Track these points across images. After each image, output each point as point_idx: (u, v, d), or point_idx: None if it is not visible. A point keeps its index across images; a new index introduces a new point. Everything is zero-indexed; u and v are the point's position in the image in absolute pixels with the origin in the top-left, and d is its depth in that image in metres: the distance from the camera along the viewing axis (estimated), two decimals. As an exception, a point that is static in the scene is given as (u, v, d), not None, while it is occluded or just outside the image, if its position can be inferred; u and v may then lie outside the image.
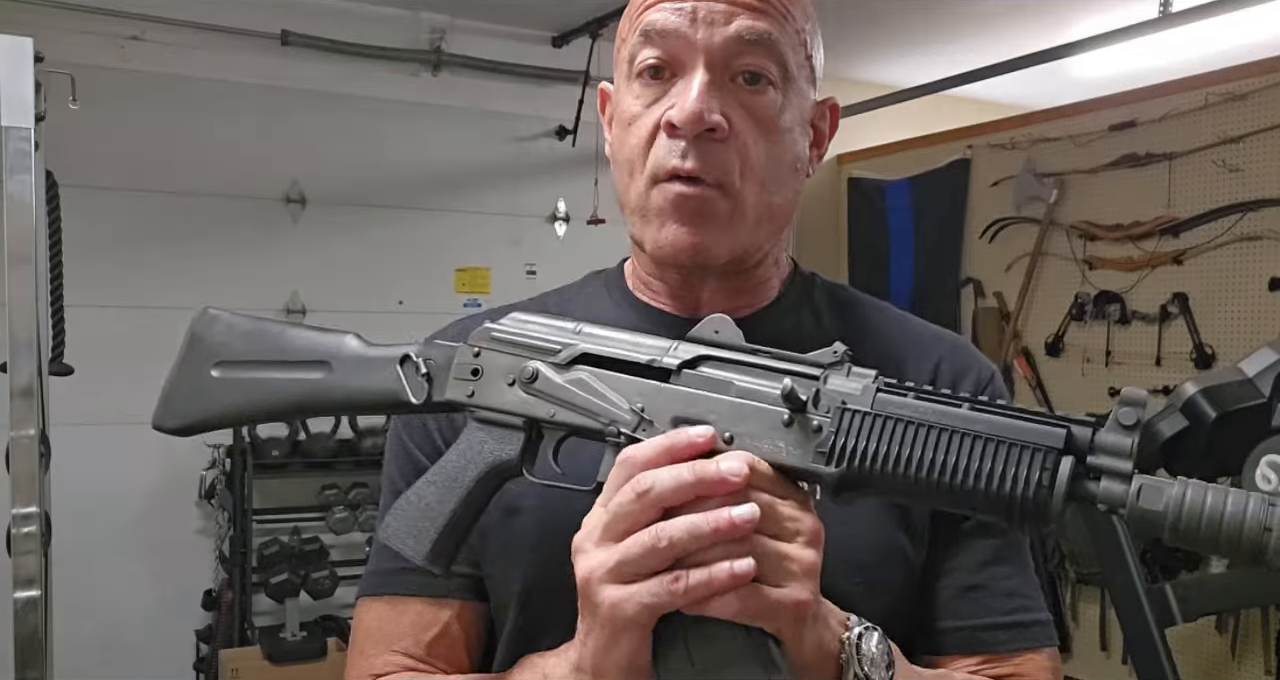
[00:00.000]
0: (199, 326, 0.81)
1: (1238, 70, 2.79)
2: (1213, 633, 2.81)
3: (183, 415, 0.79)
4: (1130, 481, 0.54)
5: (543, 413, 0.68)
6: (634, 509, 0.57)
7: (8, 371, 1.86)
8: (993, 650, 0.78)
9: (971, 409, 0.59)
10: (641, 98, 0.77)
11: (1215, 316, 2.86)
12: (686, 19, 0.74)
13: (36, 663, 1.88)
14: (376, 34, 3.38)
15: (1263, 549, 0.51)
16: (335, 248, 3.36)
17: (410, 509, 0.70)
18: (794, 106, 0.79)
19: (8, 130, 1.81)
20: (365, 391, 0.74)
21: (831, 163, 4.26)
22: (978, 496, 0.56)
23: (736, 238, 0.77)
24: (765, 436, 0.61)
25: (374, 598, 0.82)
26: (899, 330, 0.86)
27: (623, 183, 0.79)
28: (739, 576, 0.55)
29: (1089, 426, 0.57)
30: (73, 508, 2.50)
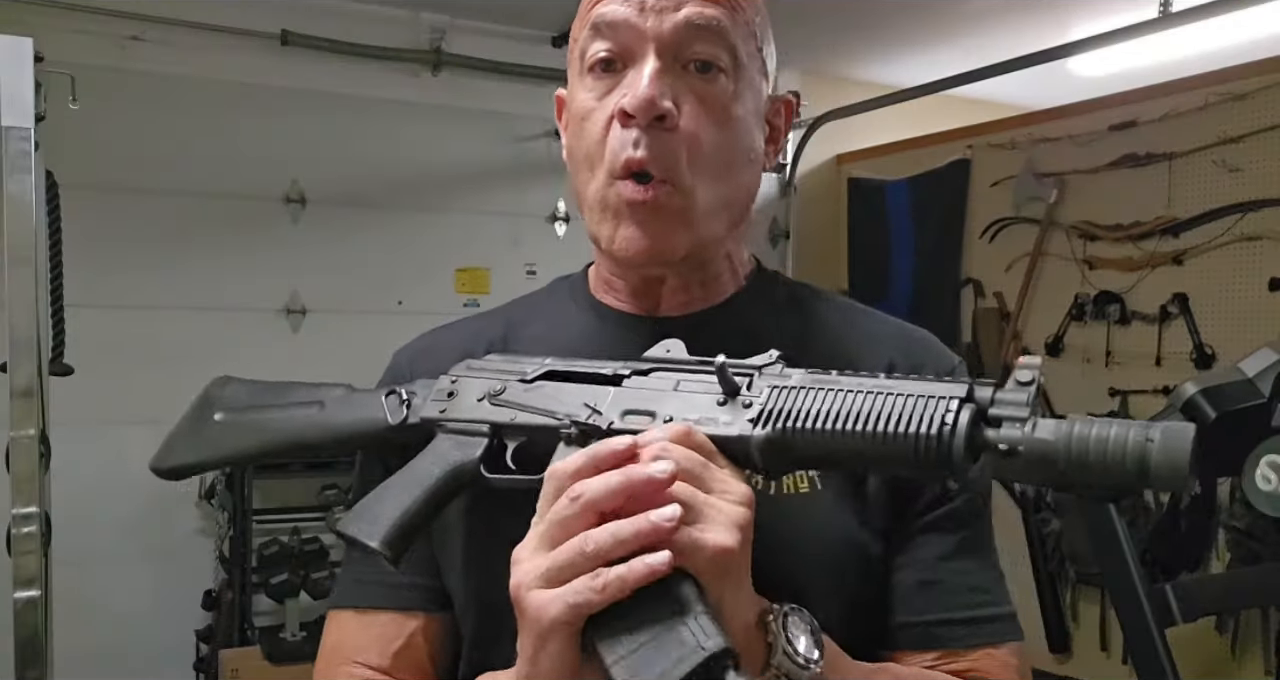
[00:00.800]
0: (212, 387, 0.88)
1: (1238, 70, 2.79)
2: (1213, 633, 2.81)
3: (181, 456, 0.86)
4: (1025, 424, 0.58)
5: (504, 418, 0.73)
6: (568, 515, 0.59)
7: (8, 371, 1.86)
8: (948, 645, 0.77)
9: (887, 377, 0.64)
10: (594, 91, 0.78)
11: (1215, 316, 2.86)
12: (635, 9, 0.75)
13: (36, 663, 1.88)
14: (376, 34, 3.38)
15: (1147, 461, 0.55)
16: (335, 248, 3.36)
17: (371, 502, 0.74)
18: (746, 98, 0.79)
19: (8, 130, 1.81)
20: (352, 421, 0.80)
21: (831, 162, 4.26)
22: (888, 443, 0.60)
23: (692, 233, 0.78)
24: (703, 415, 0.66)
25: (341, 609, 0.83)
26: (855, 327, 0.86)
27: (581, 179, 0.80)
28: (657, 566, 0.56)
29: (989, 385, 0.61)
30: (73, 508, 2.50)
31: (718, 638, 0.56)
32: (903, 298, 3.88)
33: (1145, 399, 2.99)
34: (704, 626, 0.56)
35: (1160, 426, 0.56)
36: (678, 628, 0.56)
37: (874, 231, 4.02)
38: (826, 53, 3.95)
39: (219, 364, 3.40)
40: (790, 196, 4.16)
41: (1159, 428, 0.56)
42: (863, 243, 4.11)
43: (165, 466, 0.87)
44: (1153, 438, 0.55)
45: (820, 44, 3.82)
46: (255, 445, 0.83)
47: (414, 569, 0.82)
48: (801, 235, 4.16)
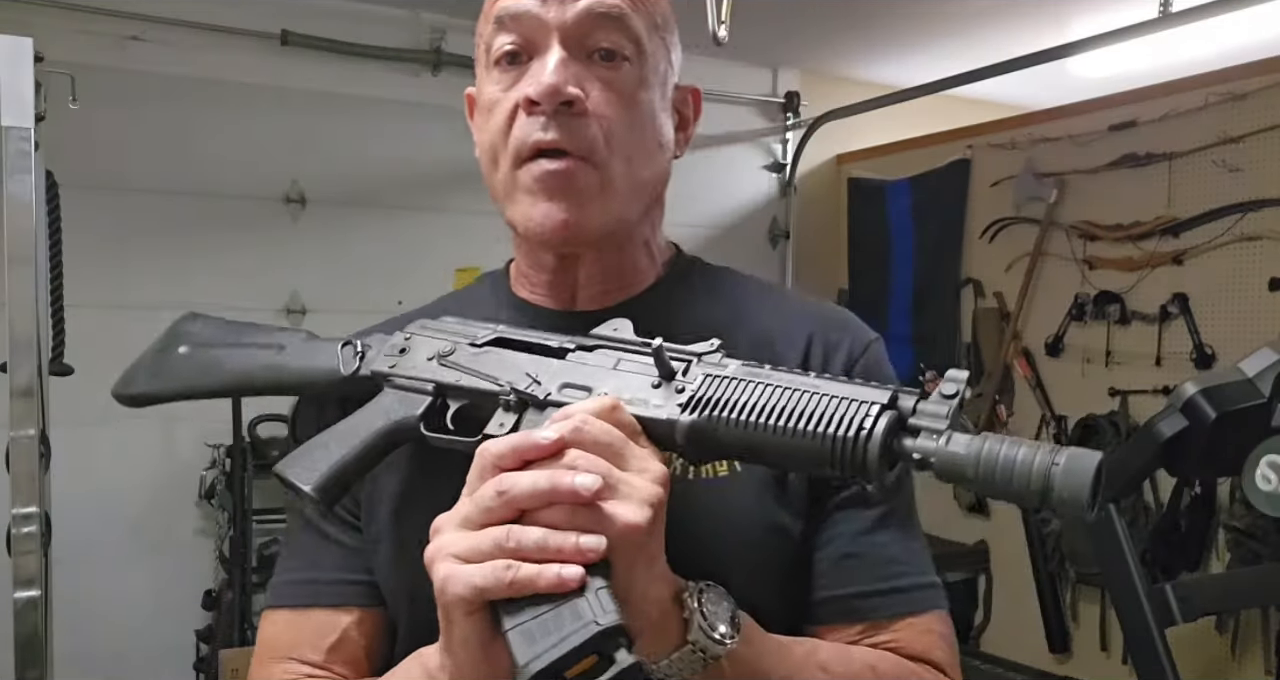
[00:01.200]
0: (180, 321, 0.91)
1: (1238, 70, 2.79)
2: (1213, 633, 2.81)
3: (142, 385, 0.87)
4: (941, 436, 0.60)
5: (449, 378, 0.75)
6: (493, 505, 0.60)
7: (8, 371, 1.86)
8: (869, 617, 0.78)
9: (817, 377, 0.65)
10: (500, 83, 0.78)
11: (1215, 316, 2.86)
12: (537, 1, 0.75)
13: (36, 663, 1.88)
14: (376, 34, 3.38)
15: (1050, 484, 0.57)
16: (335, 248, 3.36)
17: (311, 448, 0.76)
18: (652, 84, 0.80)
19: (8, 130, 1.81)
20: (308, 368, 0.82)
21: (831, 162, 4.26)
22: (809, 441, 0.62)
23: (609, 210, 0.78)
24: (636, 395, 0.67)
25: (276, 609, 0.84)
26: (774, 310, 0.87)
27: (487, 170, 0.81)
28: (568, 580, 0.57)
29: (914, 395, 0.63)
30: (73, 508, 2.50)
31: (613, 614, 0.57)
32: (903, 298, 3.88)
33: (1145, 399, 2.99)
34: (603, 602, 0.57)
35: (1067, 452, 0.58)
36: (577, 601, 0.57)
37: (874, 231, 4.02)
38: (826, 53, 3.95)
39: (219, 364, 3.29)
40: (790, 196, 4.16)
41: (1065, 453, 0.57)
42: (863, 243, 4.11)
43: (126, 393, 0.87)
44: (1058, 462, 0.57)
45: (820, 44, 3.82)
46: (213, 381, 0.85)
47: (346, 566, 0.83)
48: (801, 235, 4.16)
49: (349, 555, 0.83)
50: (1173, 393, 2.04)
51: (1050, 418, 3.30)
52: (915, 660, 0.78)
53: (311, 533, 0.86)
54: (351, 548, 0.84)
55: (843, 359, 0.83)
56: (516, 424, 0.70)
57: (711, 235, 4.00)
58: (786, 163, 4.15)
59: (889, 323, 3.91)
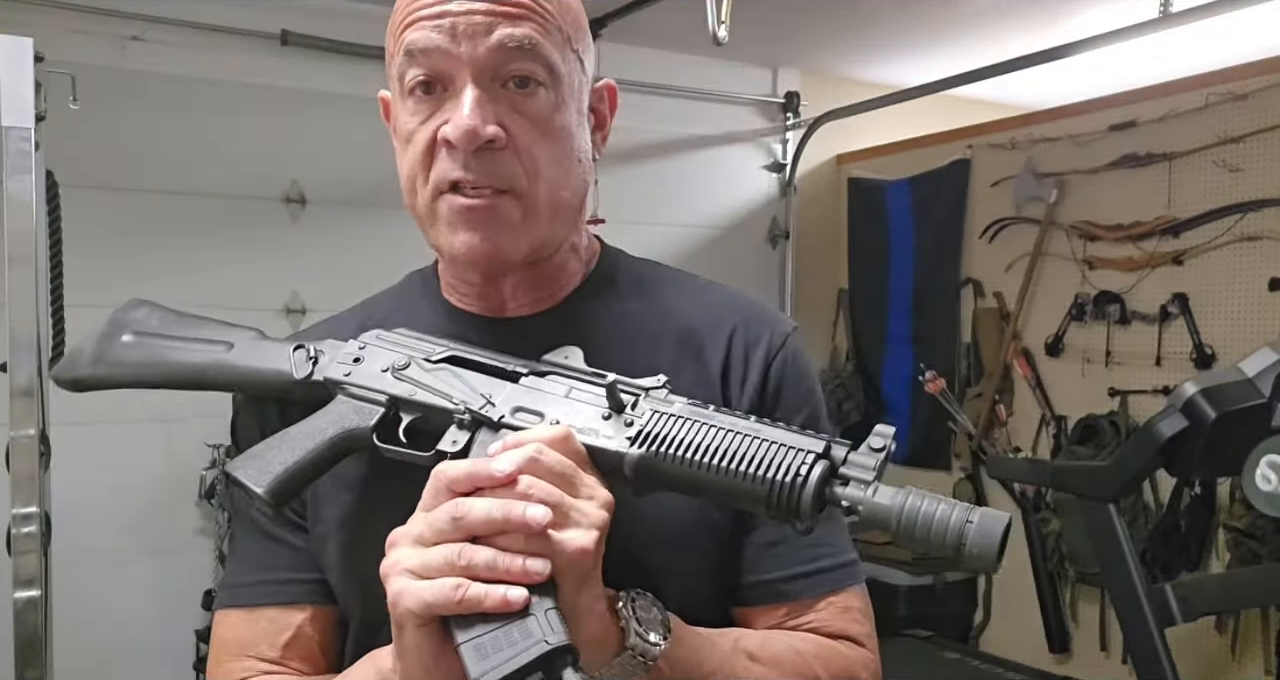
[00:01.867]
0: (120, 310, 0.91)
1: (1238, 70, 2.79)
2: (1213, 633, 2.81)
3: (84, 369, 0.86)
4: (869, 487, 0.64)
5: (403, 392, 0.77)
6: (446, 528, 0.63)
7: (8, 371, 1.86)
8: (793, 599, 0.84)
9: (758, 421, 0.69)
10: (417, 114, 0.78)
11: (1215, 316, 2.86)
12: (446, 35, 0.75)
13: (36, 663, 1.88)
14: (376, 34, 3.33)
15: (963, 541, 0.61)
16: (335, 248, 3.36)
17: (263, 449, 0.78)
18: (567, 102, 0.80)
19: (8, 130, 1.81)
20: (258, 369, 0.83)
21: (831, 162, 4.26)
22: (747, 482, 0.66)
23: (532, 236, 0.80)
24: (587, 425, 0.71)
25: (229, 609, 0.85)
26: (698, 306, 0.89)
27: (408, 196, 0.82)
28: (513, 602, 0.60)
29: (845, 446, 0.67)
30: (73, 508, 2.50)
31: (561, 635, 0.60)
32: (903, 298, 3.88)
33: (1145, 399, 2.99)
34: (552, 622, 0.61)
35: (980, 512, 0.62)
36: (527, 620, 0.61)
37: (874, 231, 4.02)
38: (826, 53, 3.95)
39: (219, 364, 3.28)
40: (790, 196, 4.15)
41: (979, 512, 0.62)
42: (863, 243, 4.11)
43: (66, 377, 0.87)
44: (971, 520, 0.62)
45: (820, 44, 3.82)
46: (157, 374, 0.85)
47: (296, 565, 0.84)
48: (801, 235, 4.16)
49: (297, 555, 0.85)
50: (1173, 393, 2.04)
51: (1050, 418, 3.31)
52: (835, 637, 0.83)
53: (259, 535, 0.87)
54: (299, 547, 0.85)
55: (763, 352, 0.86)
56: (469, 442, 0.72)
57: (711, 235, 4.00)
58: (786, 163, 4.15)
59: (889, 322, 3.91)
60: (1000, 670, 2.99)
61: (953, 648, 3.20)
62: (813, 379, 0.90)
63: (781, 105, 4.14)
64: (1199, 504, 2.83)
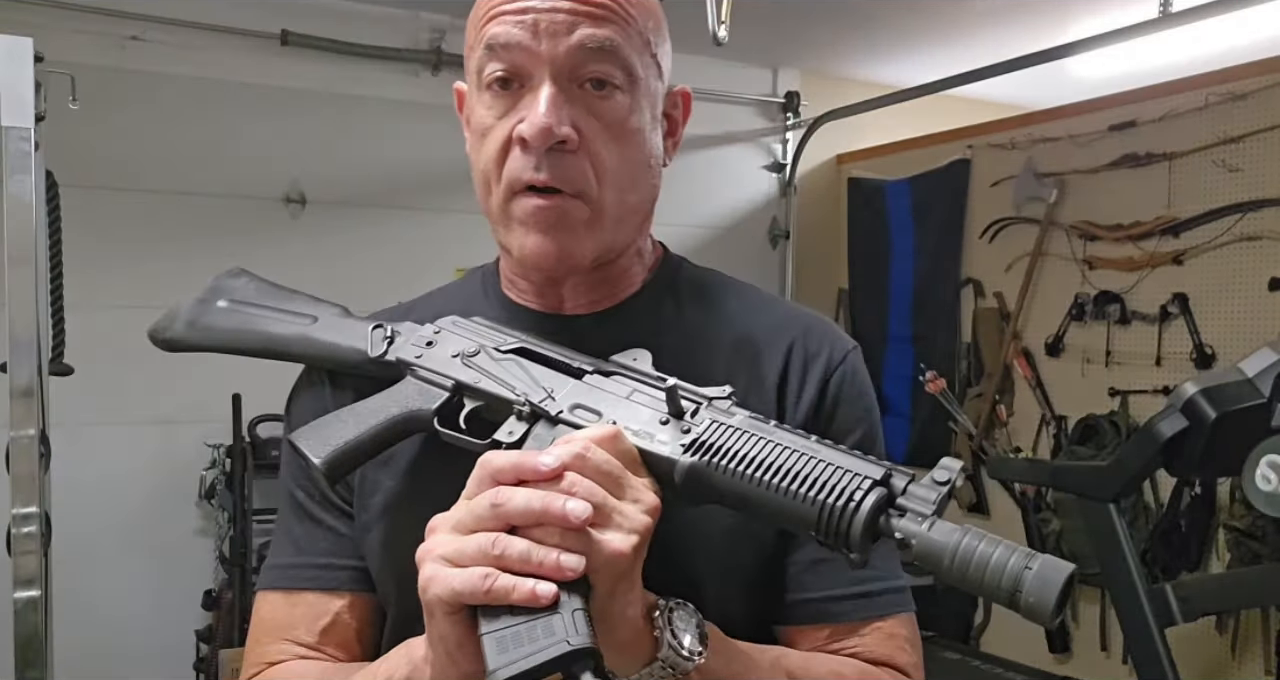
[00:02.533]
0: (220, 277, 0.94)
1: (1238, 70, 2.79)
2: (1213, 633, 2.81)
3: (177, 332, 0.90)
4: (925, 521, 0.62)
5: (469, 379, 0.77)
6: (485, 515, 0.62)
7: (8, 371, 1.86)
8: (838, 620, 0.81)
9: (819, 442, 0.67)
10: (493, 109, 0.78)
11: (1215, 316, 2.86)
12: (529, 32, 0.75)
13: (36, 663, 1.88)
14: (376, 34, 3.38)
15: (1019, 588, 0.58)
16: (335, 248, 3.36)
17: (327, 423, 0.79)
18: (643, 107, 0.80)
19: (8, 130, 1.81)
20: (337, 345, 0.84)
21: (831, 162, 4.26)
22: (797, 502, 0.63)
23: (598, 241, 0.79)
24: (643, 428, 0.70)
25: (270, 590, 0.86)
26: (757, 316, 0.88)
27: (481, 193, 0.82)
28: (541, 595, 0.59)
29: (906, 476, 0.64)
30: (73, 508, 2.50)
31: (584, 637, 0.59)
32: (903, 298, 3.88)
33: (1145, 399, 2.99)
34: (577, 623, 0.59)
35: (1040, 559, 0.59)
36: (553, 618, 0.59)
37: (874, 231, 4.02)
38: (826, 53, 3.95)
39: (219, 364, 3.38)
40: (790, 196, 4.16)
41: (1040, 559, 0.58)
42: (863, 243, 4.11)
43: (161, 338, 0.91)
44: (1030, 567, 0.58)
45: (820, 44, 3.82)
46: (244, 341, 0.87)
47: (338, 552, 0.84)
48: (801, 235, 4.16)
49: (339, 540, 0.85)
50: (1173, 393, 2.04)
51: (1050, 418, 3.31)
52: (879, 665, 0.80)
53: (302, 517, 0.87)
54: (342, 533, 0.85)
55: (821, 367, 0.85)
56: (525, 434, 0.72)
57: (711, 235, 4.01)
58: (786, 163, 4.15)
59: (889, 323, 3.91)
60: (1000, 670, 2.99)
61: (953, 648, 3.20)
62: (871, 399, 0.88)
63: (781, 105, 4.14)
64: (1199, 504, 2.83)
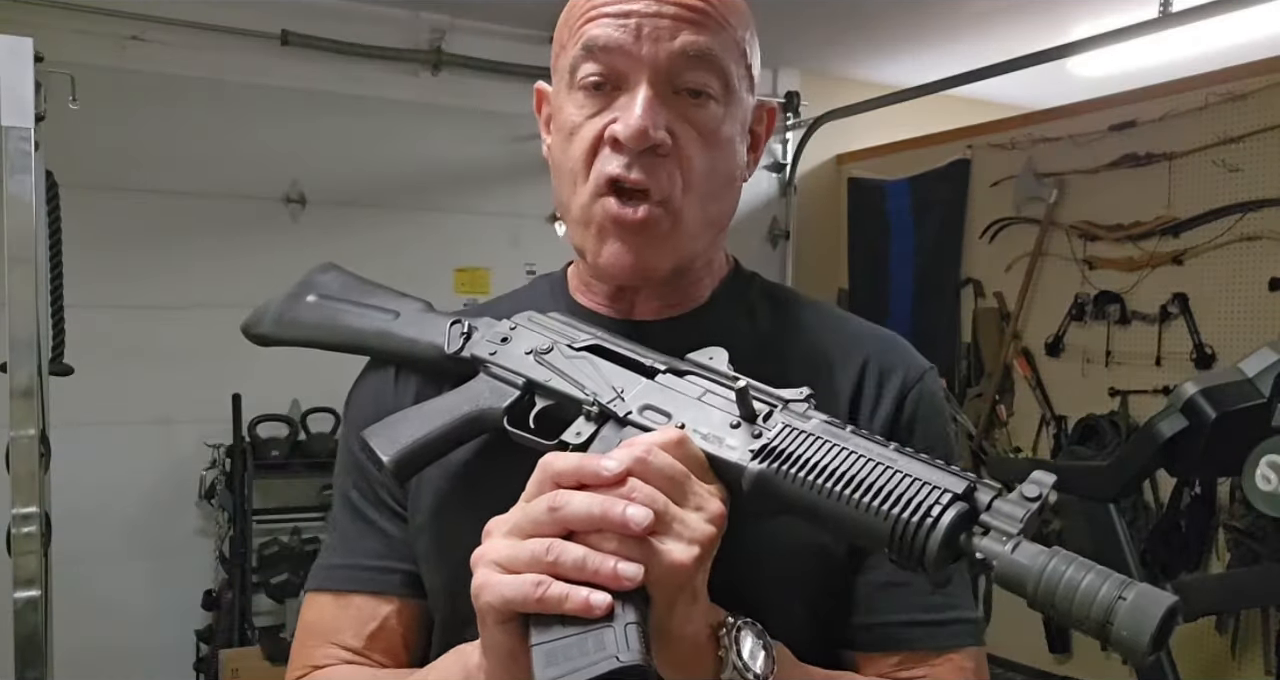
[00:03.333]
0: (315, 270, 0.95)
1: (1238, 70, 2.79)
2: (1213, 633, 2.81)
3: (267, 327, 0.90)
4: (1010, 541, 0.57)
5: (540, 376, 0.76)
6: (542, 519, 0.60)
7: (8, 371, 1.86)
8: (909, 647, 0.78)
9: (898, 450, 0.62)
10: (585, 108, 0.77)
11: (1215, 316, 2.86)
12: (630, 35, 0.74)
13: (36, 663, 1.88)
14: (376, 34, 3.38)
15: (1111, 619, 0.53)
16: (335, 248, 3.34)
17: (398, 420, 0.78)
18: (734, 117, 0.79)
19: (8, 130, 1.81)
20: (415, 340, 0.84)
21: (831, 162, 4.26)
22: (870, 516, 0.59)
23: (677, 252, 0.78)
24: (712, 432, 0.66)
25: (319, 592, 0.85)
26: (831, 330, 0.86)
27: (565, 191, 0.80)
28: (596, 605, 0.57)
29: (992, 491, 0.60)
30: (73, 508, 2.50)
31: (635, 653, 0.56)
32: (903, 298, 3.88)
33: (1145, 399, 2.99)
34: (629, 638, 0.56)
35: (1137, 589, 0.53)
36: (605, 632, 0.57)
37: (874, 231, 4.02)
38: (826, 53, 3.95)
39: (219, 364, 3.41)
40: (790, 196, 4.16)
41: (1135, 589, 0.53)
42: (863, 243, 4.11)
43: (252, 332, 0.91)
44: (1125, 596, 0.53)
45: (820, 44, 3.82)
46: (329, 336, 0.88)
47: (390, 555, 0.83)
48: (801, 235, 4.16)
49: (391, 543, 0.84)
50: (1173, 393, 2.04)
51: (1050, 418, 3.31)
52: None
53: (356, 518, 0.86)
54: (394, 536, 0.84)
55: (897, 384, 0.82)
56: (593, 435, 0.70)
57: (711, 235, 4.00)
58: (786, 163, 4.15)
59: (889, 322, 3.87)
60: (1000, 670, 2.99)
61: (953, 648, 3.19)
62: (947, 421, 0.85)
63: (782, 105, 4.14)
64: (1199, 504, 2.83)
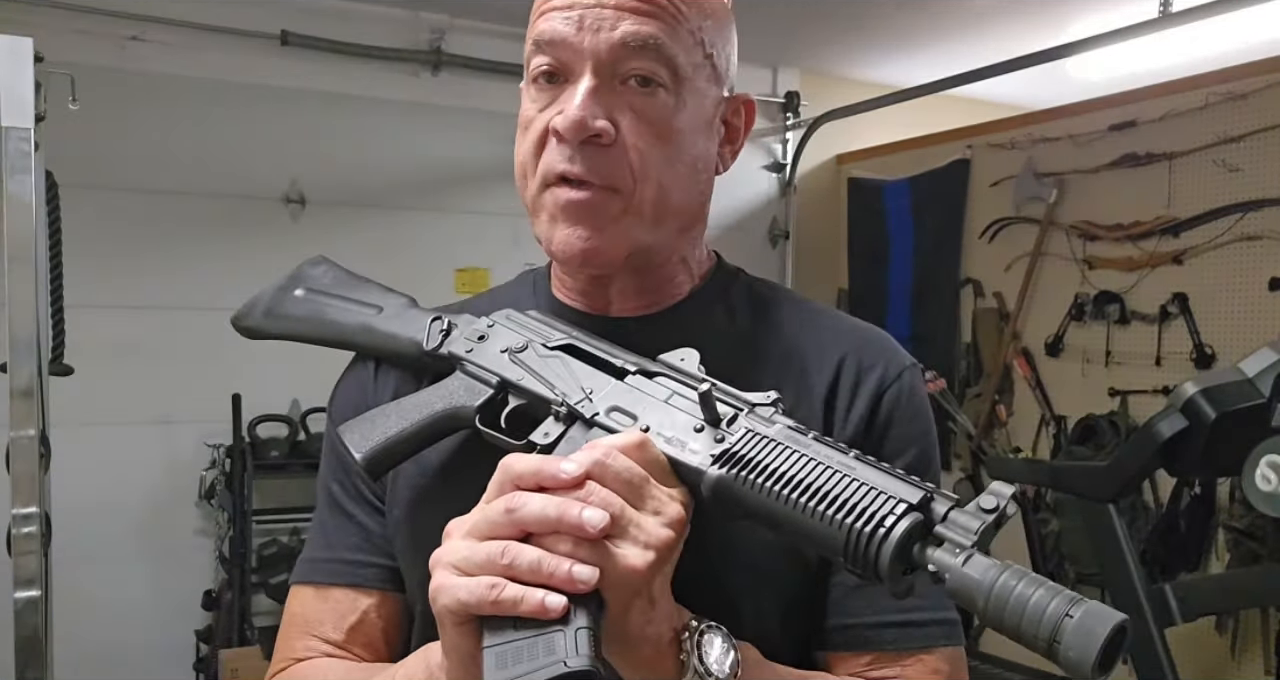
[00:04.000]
0: (306, 264, 0.96)
1: (1238, 70, 2.79)
2: (1213, 633, 2.81)
3: (255, 320, 0.91)
4: (962, 554, 0.56)
5: (513, 375, 0.76)
6: (500, 521, 0.60)
7: (8, 371, 1.86)
8: (880, 648, 0.77)
9: (858, 458, 0.62)
10: (537, 102, 0.79)
11: (1215, 316, 2.86)
12: (574, 27, 0.75)
13: (36, 663, 1.88)
14: (376, 34, 3.38)
15: (1058, 637, 0.52)
16: (335, 248, 3.30)
17: (374, 417, 0.79)
18: (690, 107, 0.78)
19: (8, 130, 1.81)
20: (396, 336, 0.85)
21: (831, 162, 4.26)
22: (824, 525, 0.59)
23: (632, 236, 0.78)
24: (676, 435, 0.66)
25: (301, 585, 0.86)
26: (812, 328, 0.86)
27: (520, 185, 0.82)
28: (550, 608, 0.57)
29: (949, 502, 0.59)
30: (73, 508, 2.50)
31: (584, 658, 0.56)
32: (902, 298, 3.88)
33: (1145, 399, 2.99)
34: (579, 642, 0.57)
35: (1085, 605, 0.53)
36: (555, 636, 0.57)
37: (874, 231, 4.02)
38: (826, 53, 3.95)
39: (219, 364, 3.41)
40: (790, 196, 4.16)
41: (1084, 606, 0.53)
42: (863, 242, 4.11)
43: (241, 324, 0.92)
44: (1072, 614, 0.52)
45: (820, 44, 3.82)
46: (313, 330, 0.89)
47: (368, 548, 0.84)
48: (801, 235, 4.16)
49: (370, 537, 0.85)
50: (1173, 393, 2.04)
51: (1050, 418, 3.31)
52: None
53: (336, 511, 0.87)
54: (373, 530, 0.85)
55: (874, 382, 0.82)
56: (561, 436, 0.70)
57: (711, 235, 3.92)
58: (786, 163, 4.15)
59: (889, 322, 3.91)
60: (1000, 670, 2.99)
61: (953, 648, 3.19)
62: (928, 421, 0.84)
63: (781, 105, 4.14)
64: (1199, 504, 2.83)
